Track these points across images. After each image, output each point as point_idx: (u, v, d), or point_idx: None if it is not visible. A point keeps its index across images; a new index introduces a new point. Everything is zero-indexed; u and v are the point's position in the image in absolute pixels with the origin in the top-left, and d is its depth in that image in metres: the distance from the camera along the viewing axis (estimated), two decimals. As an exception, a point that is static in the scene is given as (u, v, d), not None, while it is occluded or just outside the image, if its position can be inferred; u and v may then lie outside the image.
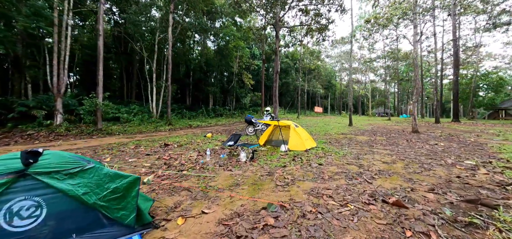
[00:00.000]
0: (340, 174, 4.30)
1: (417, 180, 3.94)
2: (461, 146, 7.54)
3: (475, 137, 9.78)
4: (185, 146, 7.49)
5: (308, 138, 7.08)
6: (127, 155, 6.21)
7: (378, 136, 10.08)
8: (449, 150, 6.82)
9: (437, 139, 9.09)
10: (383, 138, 9.45)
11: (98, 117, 10.91)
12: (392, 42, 37.21)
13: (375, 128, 14.77)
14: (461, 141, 8.67)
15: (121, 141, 8.61)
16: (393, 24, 33.58)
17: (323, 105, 59.23)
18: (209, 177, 4.16)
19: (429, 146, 7.40)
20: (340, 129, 13.22)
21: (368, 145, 7.71)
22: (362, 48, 48.03)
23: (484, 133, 11.44)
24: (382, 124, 18.88)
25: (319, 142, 8.01)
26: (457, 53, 23.80)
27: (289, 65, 41.33)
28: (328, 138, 9.42)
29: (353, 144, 7.90)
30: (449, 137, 9.73)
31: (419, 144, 7.92)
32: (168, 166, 4.98)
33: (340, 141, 8.48)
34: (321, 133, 11.05)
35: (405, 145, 7.72)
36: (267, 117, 10.10)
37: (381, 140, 8.77)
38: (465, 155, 6.13)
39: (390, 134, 10.73)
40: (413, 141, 8.57)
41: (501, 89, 36.35)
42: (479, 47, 36.84)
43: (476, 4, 30.62)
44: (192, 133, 11.57)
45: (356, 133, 11.33)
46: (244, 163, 5.18)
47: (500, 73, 41.48)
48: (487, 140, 8.98)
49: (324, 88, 56.47)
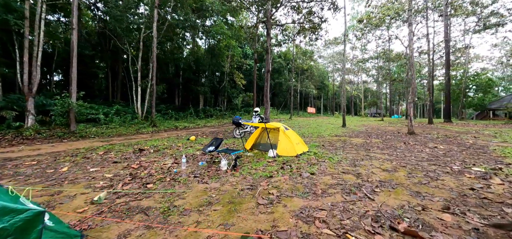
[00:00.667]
0: (336, 186, 3.63)
1: (426, 194, 3.32)
2: (462, 149, 7.04)
3: (473, 139, 9.37)
4: (162, 151, 6.70)
5: (299, 142, 6.41)
6: (91, 163, 5.38)
7: (374, 138, 9.54)
8: (451, 154, 6.29)
9: (435, 142, 8.61)
10: (379, 140, 8.90)
11: (71, 119, 9.94)
12: (384, 42, 37.23)
13: (369, 129, 14.30)
14: (460, 143, 8.21)
15: (93, 146, 7.73)
16: (385, 25, 33.56)
17: (316, 105, 59.06)
18: (177, 193, 3.42)
19: (429, 150, 6.86)
20: (334, 131, 12.65)
21: (364, 148, 7.12)
22: (354, 48, 48.05)
23: (480, 134, 11.10)
24: (376, 125, 18.49)
25: (312, 146, 7.37)
26: (449, 53, 23.77)
27: (281, 65, 40.82)
28: (321, 141, 8.80)
29: (348, 147, 7.29)
30: (447, 139, 9.27)
31: (418, 147, 7.38)
32: (132, 177, 4.20)
33: (334, 144, 7.86)
34: (314, 135, 10.44)
35: (403, 148, 7.17)
36: (256, 118, 9.42)
37: (377, 143, 8.21)
38: (470, 160, 5.60)
39: (386, 136, 10.21)
40: (411, 143, 8.04)
41: (490, 90, 36.92)
42: (468, 48, 37.35)
43: (466, 6, 30.92)
44: (176, 135, 10.75)
45: (350, 135, 10.77)
46: (225, 173, 4.46)
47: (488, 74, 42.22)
48: (486, 142, 8.56)
49: (317, 89, 56.31)
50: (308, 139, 9.27)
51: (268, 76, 16.14)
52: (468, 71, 38.19)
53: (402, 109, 72.33)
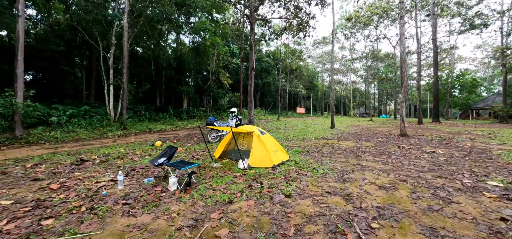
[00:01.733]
0: (316, 219, 2.55)
1: (444, 232, 2.28)
2: (463, 154, 6.20)
3: (470, 141, 8.63)
4: (111, 162, 5.44)
5: (277, 149, 5.32)
6: (1, 182, 4.07)
7: (364, 141, 8.61)
8: (453, 161, 5.40)
9: (431, 145, 7.77)
10: (370, 144, 7.97)
11: (16, 122, 8.43)
12: (372, 42, 37.05)
13: (358, 130, 13.47)
14: (459, 147, 7.40)
15: (31, 155, 6.34)
16: (373, 24, 33.30)
17: (306, 105, 58.60)
18: (80, 237, 2.23)
19: (427, 156, 5.95)
20: (321, 133, 11.70)
21: (354, 155, 6.13)
22: (343, 48, 47.86)
23: (474, 135, 10.46)
24: (365, 126, 17.77)
25: (294, 153, 6.31)
26: (436, 52, 23.55)
27: (270, 65, 39.88)
28: (307, 145, 7.77)
29: (336, 154, 6.28)
30: (443, 142, 8.49)
31: (415, 152, 6.48)
32: (35, 207, 2.96)
33: (320, 150, 6.84)
34: (299, 138, 9.41)
35: (398, 154, 6.23)
36: (233, 120, 8.28)
37: (368, 147, 7.26)
38: (478, 169, 4.70)
39: (377, 138, 9.33)
40: (405, 147, 7.14)
41: (474, 90, 37.52)
42: (453, 48, 37.81)
43: (451, 7, 31.07)
44: (144, 139, 9.43)
45: (339, 137, 9.82)
46: (172, 195, 3.31)
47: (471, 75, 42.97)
48: (484, 144, 7.82)
49: (307, 89, 55.84)
50: (292, 143, 8.23)
51: (252, 74, 15.05)
52: (453, 71, 38.70)
53: (389, 109, 73.25)
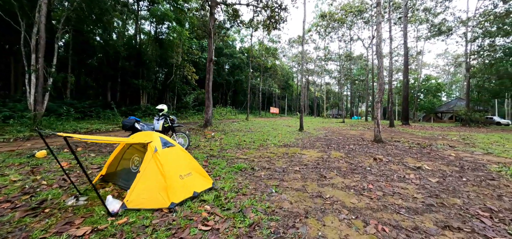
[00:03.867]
0: None
1: None
2: (455, 170, 4.69)
3: (451, 149, 7.39)
4: None
5: (190, 172, 3.22)
6: None
7: (334, 150, 6.90)
8: (450, 186, 3.79)
9: (411, 155, 6.29)
10: (341, 154, 6.25)
11: None
12: (346, 43, 36.85)
13: (329, 133, 11.97)
14: (444, 158, 5.99)
15: None
16: (347, 24, 32.91)
17: (280, 105, 57.58)
18: None
19: (414, 176, 4.31)
20: (286, 137, 9.91)
21: (317, 174, 4.29)
22: (317, 49, 47.50)
23: (450, 141, 9.44)
24: (337, 128, 16.50)
25: (230, 171, 4.31)
26: (407, 55, 23.39)
27: (243, 61, 37.81)
28: (259, 156, 5.82)
29: (292, 172, 4.39)
30: (422, 150, 7.11)
31: (395, 168, 4.84)
32: None
33: (273, 165, 4.92)
34: (255, 145, 7.46)
35: (376, 172, 4.52)
36: (160, 122, 6.00)
37: (338, 160, 5.51)
38: (491, 201, 3.09)
39: (349, 145, 7.71)
40: (383, 160, 5.50)
41: (438, 94, 39.26)
42: (420, 54, 39.22)
43: (420, 14, 31.71)
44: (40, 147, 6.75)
45: (305, 144, 8.05)
46: None
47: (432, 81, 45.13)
48: (470, 154, 6.55)
49: (281, 89, 54.83)
50: (241, 152, 6.23)
51: (210, 66, 12.84)
52: (420, 76, 40.20)
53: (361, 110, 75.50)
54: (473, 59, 26.71)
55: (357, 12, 27.58)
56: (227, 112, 29.65)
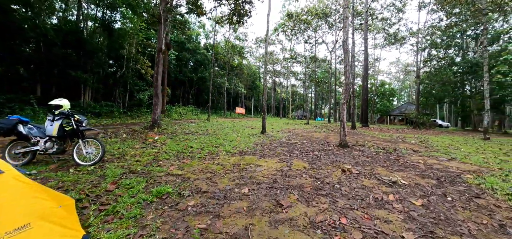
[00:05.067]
0: None
1: None
2: (437, 186, 3.94)
3: (414, 154, 6.96)
4: None
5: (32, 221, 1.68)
6: None
7: (296, 158, 5.83)
8: (439, 212, 2.90)
9: (380, 163, 5.54)
10: (305, 164, 5.19)
11: None
12: (312, 45, 37.44)
13: (293, 136, 11.09)
14: (415, 167, 5.35)
15: None
16: (312, 27, 33.29)
17: (247, 106, 56.58)
18: None
19: (393, 197, 3.37)
20: (245, 140, 8.66)
21: (272, 198, 3.08)
22: (284, 50, 47.69)
23: (410, 145, 9.28)
24: (301, 130, 15.89)
25: (147, 199, 2.83)
26: (367, 59, 24.26)
27: (207, 58, 35.70)
28: (200, 169, 4.43)
29: (237, 196, 3.10)
30: (390, 157, 6.49)
31: (368, 183, 3.89)
32: None
33: (215, 184, 3.58)
34: (204, 152, 6.04)
35: (347, 191, 3.49)
36: (55, 123, 4.18)
37: (301, 173, 4.40)
38: (497, 235, 2.21)
39: (313, 151, 6.76)
40: (352, 171, 4.56)
41: (392, 98, 42.58)
42: (378, 60, 42.01)
43: (377, 23, 33.59)
44: None
45: (264, 149, 6.88)
46: None
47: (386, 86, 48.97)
48: (437, 161, 6.09)
49: (248, 89, 53.88)
50: (178, 164, 4.77)
51: (160, 57, 10.96)
52: (377, 81, 43.04)
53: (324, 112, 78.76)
54: (422, 67, 29.14)
55: (323, 15, 27.90)
56: (187, 111, 27.37)
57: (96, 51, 21.54)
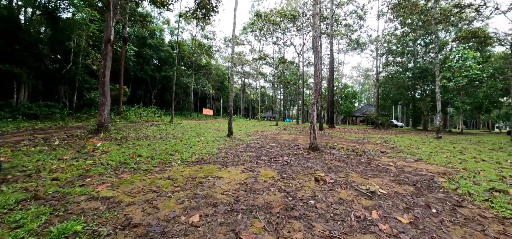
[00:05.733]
0: None
1: None
2: (417, 195, 3.56)
3: (383, 155, 6.83)
4: None
5: None
6: None
7: (264, 166, 5.13)
8: (430, 230, 2.43)
9: (352, 167, 5.14)
10: (273, 173, 4.51)
11: None
12: (280, 48, 37.71)
13: (261, 139, 10.46)
14: (388, 171, 5.05)
15: None
16: (281, 30, 33.47)
17: (215, 107, 54.94)
18: None
19: (376, 214, 2.84)
20: (208, 145, 7.74)
21: (230, 227, 2.29)
22: (253, 51, 47.37)
23: (376, 145, 9.35)
24: (270, 132, 15.41)
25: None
26: (332, 62, 25.03)
27: (171, 56, 33.49)
28: (141, 187, 3.47)
29: (182, 230, 2.23)
30: (360, 159, 6.20)
31: (346, 196, 3.35)
32: None
33: (155, 211, 2.66)
34: (154, 162, 5.02)
35: (323, 209, 2.87)
36: None
37: (268, 187, 3.69)
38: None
39: (283, 157, 6.16)
40: (327, 182, 4.01)
41: (354, 100, 45.21)
42: (341, 64, 44.22)
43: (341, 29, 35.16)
44: None
45: (228, 156, 6.07)
46: None
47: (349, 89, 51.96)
48: (402, 161, 5.96)
49: (217, 89, 52.34)
50: (112, 181, 3.73)
51: (107, 49, 9.41)
52: (340, 84, 45.28)
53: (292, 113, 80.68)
54: (380, 72, 31.29)
55: (291, 16, 28.12)
56: (149, 113, 25.11)
57: (36, 42, 18.39)
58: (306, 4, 30.14)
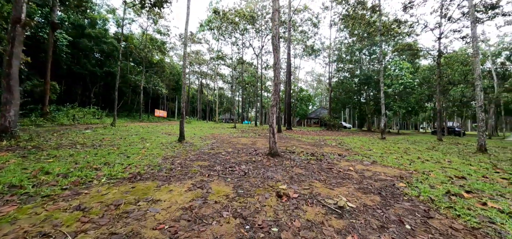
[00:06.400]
0: None
1: None
2: (385, 206, 3.25)
3: (341, 159, 6.75)
4: None
5: None
6: None
7: (217, 178, 4.32)
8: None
9: (314, 175, 4.75)
10: (228, 189, 3.74)
11: None
12: (239, 48, 37.19)
13: (217, 144, 9.59)
14: (350, 177, 4.80)
15: None
16: (240, 31, 32.96)
17: (170, 108, 51.27)
18: None
19: (352, 235, 2.34)
20: (153, 153, 6.55)
21: None
22: (211, 50, 45.81)
23: (333, 147, 9.46)
24: (227, 135, 14.60)
25: None
26: (290, 65, 25.60)
27: (116, 49, 29.75)
28: (24, 226, 2.27)
29: None
30: (321, 165, 5.93)
31: (313, 216, 2.81)
32: None
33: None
34: (63, 183, 3.74)
35: (290, 238, 2.23)
36: None
37: (220, 209, 2.91)
38: None
39: (240, 164, 5.46)
40: (291, 197, 3.44)
41: (309, 103, 47.65)
42: (298, 68, 46.09)
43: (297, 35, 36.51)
44: None
45: (174, 168, 5.06)
46: None
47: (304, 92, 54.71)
48: (359, 164, 5.91)
49: (171, 89, 48.89)
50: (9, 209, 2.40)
51: (16, 31, 7.31)
52: (297, 87, 47.18)
53: (251, 115, 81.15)
54: (332, 77, 33.51)
55: (250, 17, 27.83)
56: (86, 114, 21.54)
57: None
58: (265, 7, 30.33)
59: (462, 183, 4.57)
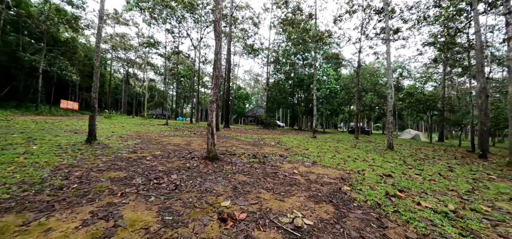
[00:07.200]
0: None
1: None
2: (343, 218, 2.92)
3: (284, 160, 6.51)
4: None
5: None
6: None
7: (132, 201, 3.17)
8: None
9: (260, 182, 4.18)
10: (150, 215, 2.69)
11: None
12: (175, 37, 33.94)
13: (141, 145, 7.94)
14: (298, 183, 4.45)
15: None
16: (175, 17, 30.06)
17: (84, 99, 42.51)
18: None
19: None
20: (37, 162, 4.66)
21: None
22: (141, 36, 40.33)
23: (273, 147, 9.31)
24: (157, 134, 12.70)
25: None
26: (229, 61, 24.90)
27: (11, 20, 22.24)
28: None
29: None
30: (265, 169, 5.45)
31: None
32: None
33: None
34: None
35: None
36: None
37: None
38: None
39: (170, 174, 4.36)
40: (237, 218, 2.70)
41: (246, 101, 48.32)
42: (237, 66, 45.87)
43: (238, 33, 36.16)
44: None
45: (62, 189, 3.55)
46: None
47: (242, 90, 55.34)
48: (302, 166, 5.77)
49: (86, 76, 40.49)
50: None
51: None
52: (235, 84, 47.01)
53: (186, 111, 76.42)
54: (270, 77, 34.74)
55: (189, 4, 25.61)
56: None
57: None
58: (204, -4, 28.55)
59: (392, 182, 4.89)
